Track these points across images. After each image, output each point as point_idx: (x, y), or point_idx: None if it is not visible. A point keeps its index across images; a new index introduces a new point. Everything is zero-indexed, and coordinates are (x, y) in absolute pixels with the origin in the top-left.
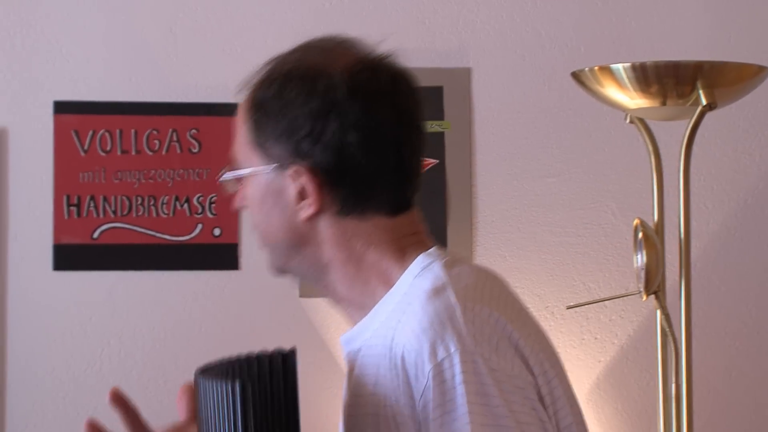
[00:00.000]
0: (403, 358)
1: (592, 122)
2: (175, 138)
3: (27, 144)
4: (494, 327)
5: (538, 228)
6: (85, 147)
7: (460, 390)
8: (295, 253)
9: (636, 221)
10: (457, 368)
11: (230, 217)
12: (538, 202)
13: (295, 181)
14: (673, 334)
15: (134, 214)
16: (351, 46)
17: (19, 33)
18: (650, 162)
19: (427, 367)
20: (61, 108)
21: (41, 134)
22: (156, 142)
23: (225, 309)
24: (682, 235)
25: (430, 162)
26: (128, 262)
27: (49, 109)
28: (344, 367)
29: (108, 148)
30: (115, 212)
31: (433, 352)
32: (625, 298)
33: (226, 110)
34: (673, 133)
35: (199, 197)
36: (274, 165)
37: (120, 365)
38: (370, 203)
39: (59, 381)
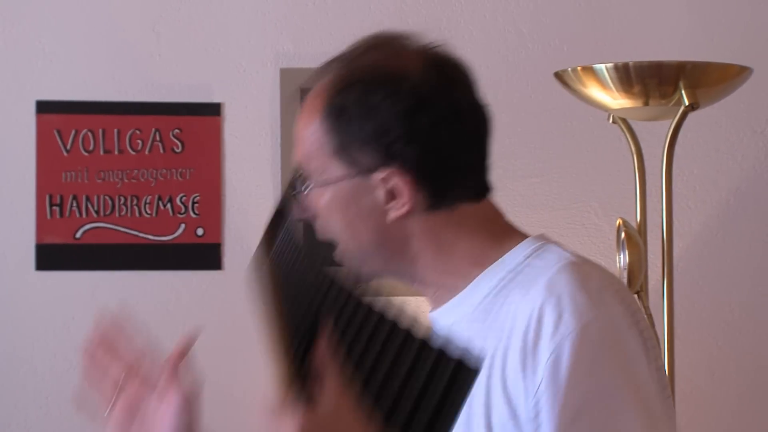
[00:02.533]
0: (540, 321)
1: (575, 122)
2: (158, 138)
3: (9, 143)
4: (631, 308)
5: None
6: (68, 147)
7: (607, 351)
8: (382, 254)
9: (619, 221)
10: (609, 331)
11: (213, 217)
12: (521, 202)
13: (384, 184)
14: (655, 334)
15: (117, 214)
16: (411, 42)
17: (1, 32)
18: (633, 162)
19: (570, 327)
20: (44, 107)
21: (23, 134)
22: (139, 141)
23: (208, 309)
24: (665, 235)
25: None
26: (111, 261)
27: (32, 109)
28: None
29: (90, 147)
30: (97, 212)
31: (583, 314)
32: None
33: (209, 110)
34: (655, 133)
35: (182, 197)
36: (359, 172)
37: None
38: (457, 193)
39: (42, 381)
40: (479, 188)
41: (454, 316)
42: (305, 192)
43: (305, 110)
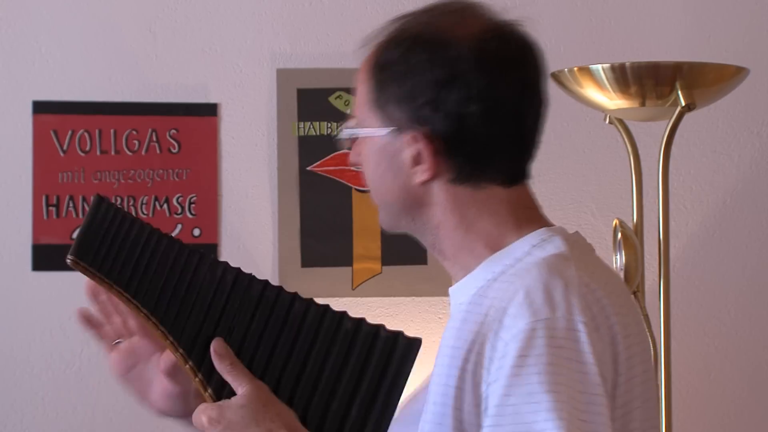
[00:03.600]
0: (505, 311)
1: (572, 123)
2: (154, 138)
3: (6, 144)
4: (600, 310)
5: None
6: (64, 147)
7: (551, 351)
8: (406, 213)
9: (615, 221)
10: (560, 332)
11: (210, 218)
12: None
13: (411, 146)
14: (651, 335)
15: None
16: (482, 12)
17: None
18: (629, 162)
19: (525, 320)
20: (40, 108)
21: (20, 134)
22: (135, 142)
23: None
24: (661, 236)
25: None
26: None
27: (28, 109)
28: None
29: (87, 148)
30: None
31: (538, 309)
32: None
33: (205, 110)
34: (652, 133)
35: (178, 197)
36: (393, 128)
37: (99, 365)
38: (485, 173)
39: (38, 381)
40: (512, 174)
41: (464, 296)
42: (347, 139)
43: (363, 63)
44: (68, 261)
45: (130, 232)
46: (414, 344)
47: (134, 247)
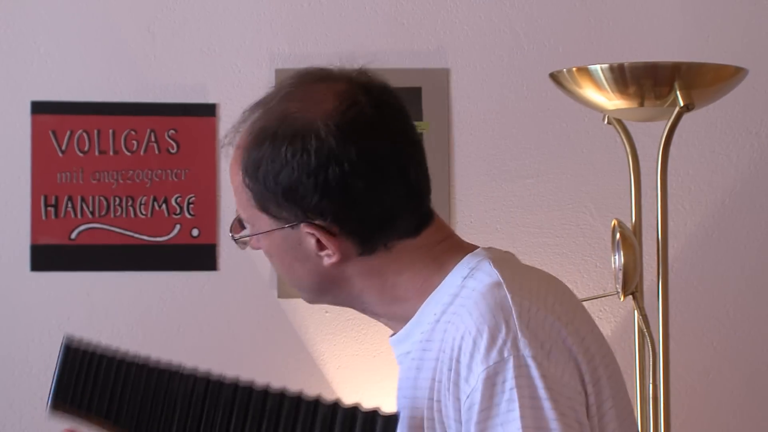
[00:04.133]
0: (457, 360)
1: (570, 123)
2: (153, 138)
3: (4, 144)
4: (549, 332)
5: (516, 229)
6: (63, 147)
7: (511, 395)
8: (325, 293)
9: (614, 222)
10: (510, 373)
11: (208, 218)
12: (517, 203)
13: (308, 237)
14: (650, 335)
15: (112, 215)
16: (328, 80)
17: None
18: (628, 163)
19: (479, 369)
20: (39, 108)
21: (19, 134)
22: (134, 142)
23: (203, 310)
24: (660, 236)
25: None
26: (106, 262)
27: (27, 109)
28: (321, 371)
29: (86, 148)
30: (92, 213)
31: (487, 355)
32: (602, 298)
33: (204, 110)
34: (650, 133)
35: (177, 198)
36: (284, 225)
37: None
38: (390, 235)
39: (37, 381)
40: (414, 224)
41: (408, 346)
42: (245, 239)
43: (231, 164)
44: (48, 411)
45: (100, 368)
46: (391, 420)
47: (107, 380)
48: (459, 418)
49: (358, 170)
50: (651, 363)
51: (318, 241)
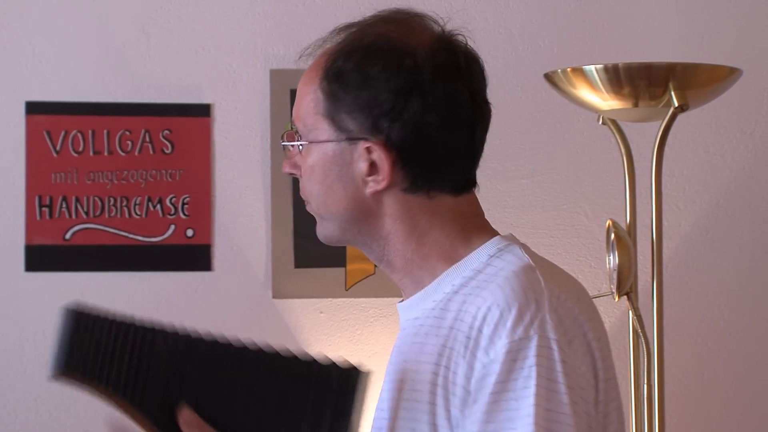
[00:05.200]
0: (479, 330)
1: (565, 124)
2: (147, 139)
3: None
4: (573, 321)
5: (510, 229)
6: (57, 147)
7: (529, 373)
8: (353, 225)
9: (608, 222)
10: (532, 351)
11: (203, 218)
12: (511, 203)
13: (367, 155)
14: (645, 335)
15: (107, 215)
16: (426, 22)
17: None
18: (623, 163)
19: (502, 342)
20: (33, 108)
21: (13, 135)
22: (128, 142)
23: (198, 310)
24: (654, 236)
25: None
26: (101, 263)
27: (21, 110)
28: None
29: (80, 148)
30: (87, 213)
31: (513, 330)
32: (597, 299)
33: (199, 111)
34: (645, 134)
35: (171, 198)
36: (346, 137)
37: None
38: (437, 182)
39: (31, 382)
40: (462, 182)
41: (417, 312)
42: (295, 148)
43: (309, 69)
44: (53, 377)
45: (100, 332)
46: (363, 375)
47: (99, 344)
48: (467, 385)
49: (438, 107)
50: (645, 363)
51: (371, 165)
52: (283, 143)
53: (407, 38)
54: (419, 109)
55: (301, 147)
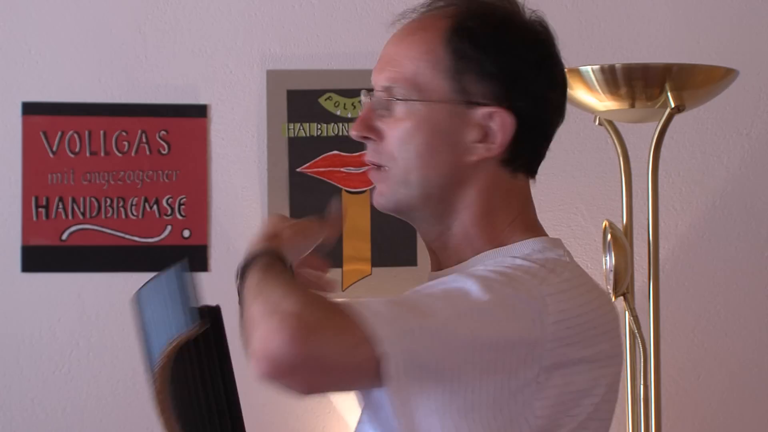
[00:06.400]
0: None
1: (562, 124)
2: (144, 139)
3: None
4: (589, 315)
5: None
6: (54, 148)
7: (512, 264)
8: (441, 192)
9: (605, 223)
10: (534, 267)
11: (199, 219)
12: None
13: (486, 122)
14: (641, 336)
15: (103, 216)
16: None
17: None
18: (619, 164)
19: (507, 261)
20: (30, 109)
21: (9, 135)
22: (125, 143)
23: None
24: (651, 237)
25: None
26: (97, 263)
27: (18, 110)
28: None
29: (77, 149)
30: (84, 214)
31: (533, 264)
32: None
33: (195, 111)
34: (641, 135)
35: (168, 199)
36: (465, 99)
37: (89, 367)
38: (528, 160)
39: (27, 382)
40: (537, 166)
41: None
42: (377, 109)
43: (414, 29)
44: (199, 327)
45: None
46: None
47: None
48: None
49: (557, 86)
50: (642, 363)
51: (486, 134)
52: (367, 97)
53: (534, 18)
54: (546, 85)
55: (399, 105)
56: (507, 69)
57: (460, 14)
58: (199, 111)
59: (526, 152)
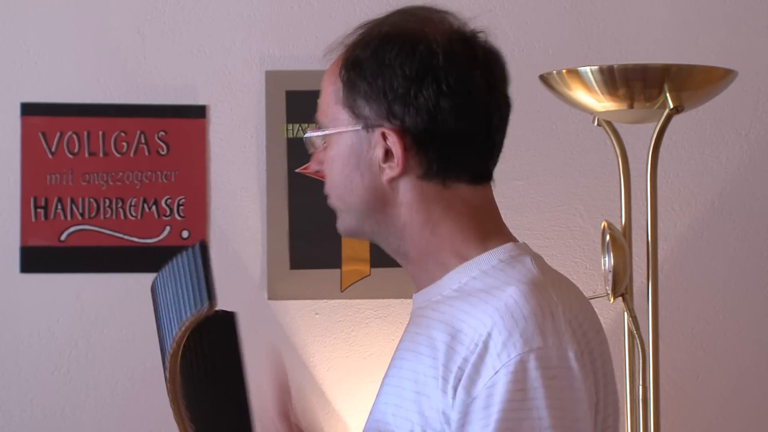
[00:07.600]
0: (489, 335)
1: (560, 125)
2: (143, 140)
3: None
4: (583, 337)
5: None
6: (53, 149)
7: (547, 383)
8: (371, 215)
9: (603, 224)
10: (553, 361)
11: (198, 220)
12: (506, 204)
13: (383, 141)
14: (640, 337)
15: (102, 216)
16: (446, 17)
17: None
18: (618, 164)
19: (517, 350)
20: (29, 110)
21: (8, 136)
22: (124, 144)
23: None
24: (650, 238)
25: None
26: (96, 264)
27: (16, 111)
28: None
29: (75, 150)
30: (82, 214)
31: (530, 340)
32: (592, 300)
33: (194, 112)
34: (640, 135)
35: (167, 199)
36: (363, 125)
37: (87, 368)
38: (453, 170)
39: (26, 383)
40: (477, 173)
41: (423, 303)
42: (320, 145)
43: (332, 64)
44: (208, 310)
45: None
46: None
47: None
48: (470, 386)
49: (452, 94)
50: (641, 364)
51: (386, 152)
52: (305, 135)
53: (423, 28)
54: (433, 95)
55: (323, 141)
56: (386, 88)
57: (354, 44)
58: (198, 112)
59: (442, 161)
